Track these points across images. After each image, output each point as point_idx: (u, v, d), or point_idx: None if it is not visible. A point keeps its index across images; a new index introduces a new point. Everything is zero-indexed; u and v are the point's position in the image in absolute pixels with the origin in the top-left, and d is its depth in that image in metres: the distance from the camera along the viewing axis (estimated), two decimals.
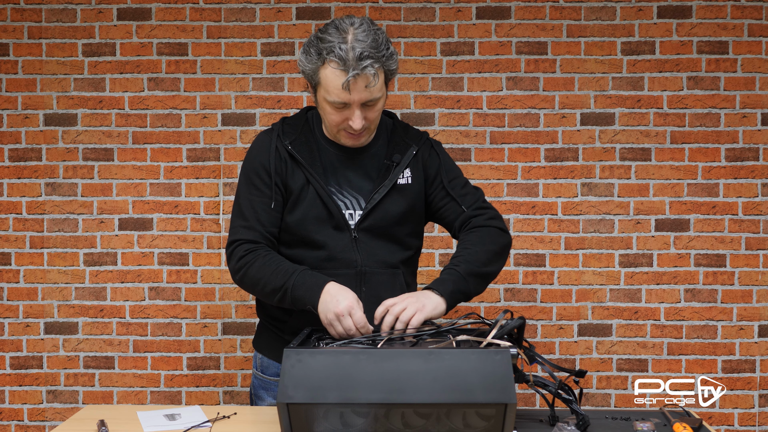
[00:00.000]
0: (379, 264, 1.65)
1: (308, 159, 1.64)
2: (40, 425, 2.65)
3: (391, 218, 1.65)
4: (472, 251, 1.63)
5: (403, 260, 1.70)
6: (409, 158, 1.68)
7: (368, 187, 1.66)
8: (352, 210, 1.65)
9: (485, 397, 1.20)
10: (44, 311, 2.65)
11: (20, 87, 2.63)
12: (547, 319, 2.63)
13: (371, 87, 1.52)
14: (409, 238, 1.72)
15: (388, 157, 1.68)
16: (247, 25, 2.61)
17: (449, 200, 1.73)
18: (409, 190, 1.68)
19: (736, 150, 2.60)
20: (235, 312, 2.64)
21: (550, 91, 2.61)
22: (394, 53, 1.58)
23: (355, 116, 1.55)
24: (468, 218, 1.72)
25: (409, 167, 1.69)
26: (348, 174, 1.66)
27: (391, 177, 1.65)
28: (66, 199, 2.64)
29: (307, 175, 1.63)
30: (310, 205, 1.63)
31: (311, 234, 1.63)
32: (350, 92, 1.51)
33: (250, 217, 1.64)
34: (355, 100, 1.53)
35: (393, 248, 1.68)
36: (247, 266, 1.59)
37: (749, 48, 2.58)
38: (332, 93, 1.53)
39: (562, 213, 2.62)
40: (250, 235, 1.62)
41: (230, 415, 1.49)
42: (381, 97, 1.58)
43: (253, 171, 1.66)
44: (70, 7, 2.62)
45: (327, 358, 1.25)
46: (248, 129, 2.62)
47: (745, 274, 2.60)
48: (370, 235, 1.64)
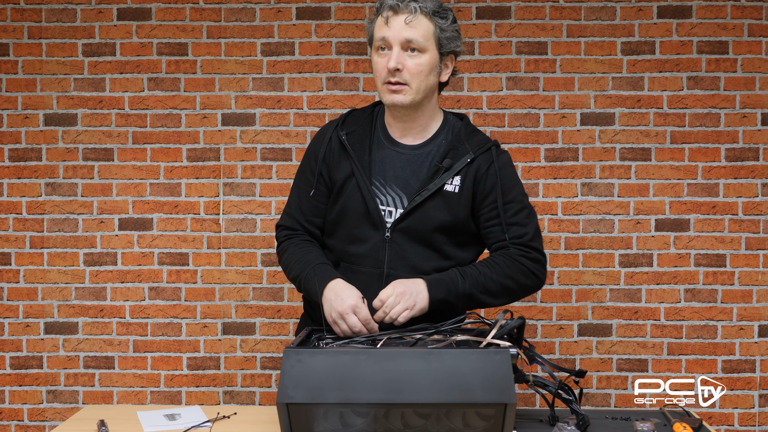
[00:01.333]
0: (408, 268, 1.59)
1: (358, 151, 1.62)
2: (40, 425, 2.65)
3: (431, 223, 1.58)
4: (488, 275, 1.56)
5: (438, 269, 1.60)
6: (462, 165, 1.59)
7: (414, 186, 1.60)
8: (393, 208, 1.60)
9: (485, 397, 1.20)
10: (44, 311, 2.65)
11: (20, 87, 2.63)
12: (547, 319, 2.63)
13: (411, 21, 1.51)
14: (451, 248, 1.62)
15: (440, 159, 1.60)
16: (247, 25, 2.61)
17: (497, 223, 1.61)
18: (455, 199, 1.59)
19: (736, 150, 2.60)
20: (235, 312, 2.64)
21: (550, 91, 2.61)
22: (453, 22, 1.59)
23: (393, 55, 1.52)
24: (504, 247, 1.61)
25: (459, 175, 1.60)
26: (397, 170, 1.61)
27: (437, 181, 1.58)
28: (66, 199, 2.64)
29: (353, 166, 1.61)
30: (349, 197, 1.61)
31: (349, 227, 1.63)
32: (389, 25, 1.52)
33: (292, 204, 1.70)
34: (395, 35, 1.52)
35: (429, 255, 1.60)
36: (281, 252, 1.67)
37: (749, 48, 2.58)
38: (377, 31, 1.55)
39: (562, 213, 2.62)
40: (288, 222, 1.69)
41: (230, 415, 1.49)
42: (426, 52, 1.54)
43: (306, 159, 1.70)
44: (70, 7, 2.62)
45: (327, 358, 1.25)
46: (248, 129, 2.62)
47: (745, 274, 2.60)
48: (405, 237, 1.59)
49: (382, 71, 1.55)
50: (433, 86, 1.59)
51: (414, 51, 1.53)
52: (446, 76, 1.62)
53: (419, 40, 1.52)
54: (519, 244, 1.60)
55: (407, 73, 1.53)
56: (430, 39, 1.55)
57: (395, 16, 1.52)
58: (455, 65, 1.64)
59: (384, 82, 1.55)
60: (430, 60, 1.55)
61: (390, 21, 1.52)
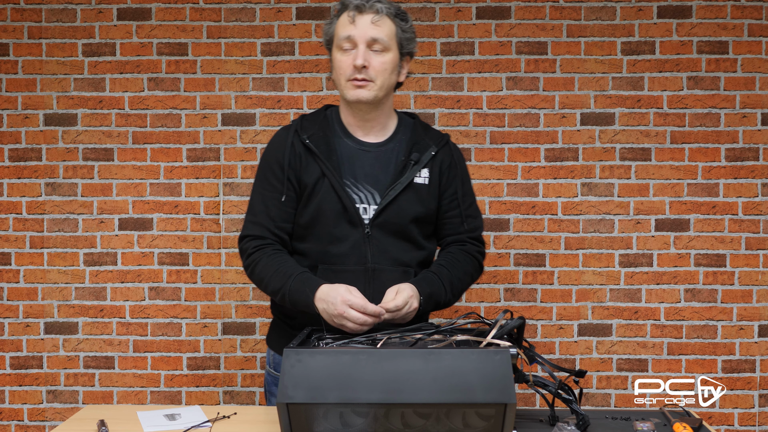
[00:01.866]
0: (390, 262, 1.64)
1: (325, 152, 1.64)
2: (40, 425, 2.65)
3: (406, 216, 1.64)
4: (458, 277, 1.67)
5: (417, 260, 1.69)
6: (428, 158, 1.68)
7: (385, 181, 1.65)
8: (367, 204, 1.64)
9: (485, 397, 1.20)
10: (44, 311, 2.65)
11: (20, 87, 2.63)
12: (547, 319, 2.63)
13: (376, 22, 1.58)
14: (423, 239, 1.70)
15: (406, 154, 1.67)
16: (247, 25, 2.61)
17: (456, 214, 1.73)
18: (426, 190, 1.67)
19: (736, 150, 2.60)
20: (235, 312, 2.64)
21: (550, 91, 2.61)
22: (411, 25, 1.65)
23: (360, 52, 1.58)
24: (461, 241, 1.75)
25: (427, 167, 1.68)
26: (365, 167, 1.65)
27: (408, 174, 1.65)
28: (66, 199, 2.64)
29: (322, 167, 1.63)
30: (324, 198, 1.62)
31: (327, 228, 1.63)
32: (355, 24, 1.58)
33: (259, 212, 1.66)
34: (361, 34, 1.58)
35: (406, 247, 1.67)
36: (253, 264, 1.63)
37: (749, 48, 2.58)
38: (341, 30, 1.59)
39: (562, 213, 2.62)
40: (257, 231, 1.65)
41: (230, 415, 1.49)
42: (389, 51, 1.61)
43: (267, 166, 1.68)
44: (70, 7, 2.62)
45: (327, 358, 1.25)
46: (248, 129, 2.62)
47: (745, 274, 2.60)
48: (383, 231, 1.63)
49: (347, 68, 1.60)
50: (393, 85, 1.67)
51: (378, 50, 1.60)
52: (403, 77, 1.70)
53: (384, 39, 1.59)
54: (473, 238, 1.74)
55: (372, 71, 1.59)
56: (393, 39, 1.61)
57: (361, 16, 1.58)
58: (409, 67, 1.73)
59: (349, 78, 1.60)
60: (393, 59, 1.62)
61: (356, 20, 1.58)
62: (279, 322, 1.75)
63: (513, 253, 2.62)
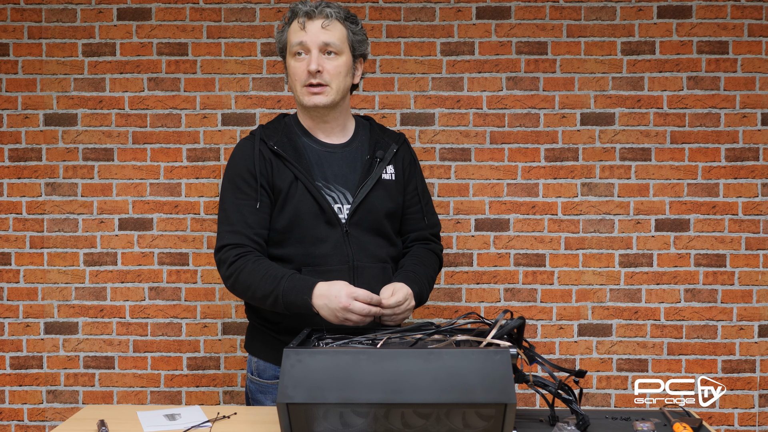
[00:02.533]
0: (370, 258, 1.67)
1: (293, 156, 1.66)
2: (40, 425, 2.65)
3: (378, 212, 1.69)
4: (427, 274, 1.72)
5: (391, 256, 1.73)
6: (391, 155, 1.73)
7: (354, 180, 1.68)
8: (341, 204, 1.66)
9: (485, 397, 1.20)
10: (44, 311, 2.65)
11: (20, 87, 2.63)
12: (547, 319, 2.63)
13: (326, 27, 1.60)
14: (393, 234, 1.76)
15: (370, 152, 1.72)
16: (247, 25, 2.61)
17: (417, 210, 1.79)
18: (393, 186, 1.73)
19: (736, 150, 2.60)
20: (235, 312, 2.64)
21: (550, 91, 2.61)
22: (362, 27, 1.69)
23: (313, 57, 1.61)
24: (425, 239, 1.80)
25: (391, 164, 1.74)
26: (333, 167, 1.69)
27: (376, 171, 1.69)
28: (66, 199, 2.64)
29: (294, 171, 1.64)
30: (300, 201, 1.64)
31: (306, 230, 1.64)
32: (306, 30, 1.60)
33: (235, 221, 1.64)
34: (313, 40, 1.60)
35: (382, 243, 1.71)
36: (237, 272, 1.60)
37: (749, 48, 2.58)
38: (293, 37, 1.62)
39: (562, 213, 2.62)
40: (236, 239, 1.63)
41: (230, 415, 1.49)
42: (342, 54, 1.64)
43: (237, 176, 1.67)
44: (70, 7, 2.62)
45: (327, 358, 1.25)
46: (248, 129, 2.62)
47: (745, 274, 2.60)
48: (360, 229, 1.67)
49: (302, 74, 1.63)
50: (348, 87, 1.70)
51: (331, 54, 1.63)
52: (358, 78, 1.74)
53: (336, 42, 1.62)
54: (434, 235, 1.82)
55: (327, 75, 1.62)
56: (345, 42, 1.65)
57: (311, 22, 1.61)
58: (363, 69, 1.76)
59: (304, 84, 1.64)
60: (346, 62, 1.66)
61: (306, 26, 1.61)
62: (259, 327, 1.74)
63: (513, 253, 2.62)
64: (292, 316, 1.62)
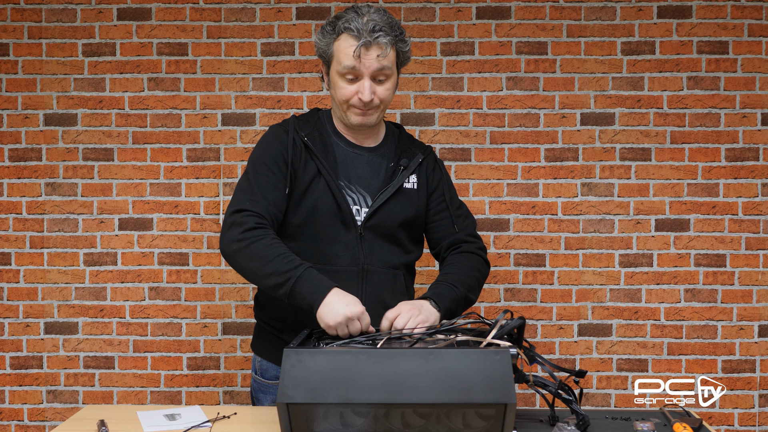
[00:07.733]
0: (381, 263, 1.66)
1: (322, 151, 1.66)
2: (40, 425, 2.65)
3: (395, 220, 1.67)
4: (465, 274, 1.67)
5: (404, 263, 1.72)
6: (416, 164, 1.72)
7: (376, 185, 1.68)
8: (359, 206, 1.66)
9: (485, 397, 1.20)
10: (44, 311, 2.65)
11: (20, 87, 2.63)
12: (547, 319, 2.63)
13: (382, 57, 1.56)
14: (410, 243, 1.74)
15: (395, 160, 1.71)
16: (247, 25, 2.61)
17: (446, 216, 1.77)
18: (414, 195, 1.72)
19: (736, 150, 2.60)
20: (235, 312, 2.64)
21: (550, 91, 2.61)
22: (407, 39, 1.64)
23: (366, 87, 1.58)
24: (459, 241, 1.76)
25: (415, 173, 1.73)
26: (358, 169, 1.68)
27: (398, 179, 1.69)
28: (66, 199, 2.64)
29: (319, 166, 1.64)
30: (319, 197, 1.63)
31: (322, 227, 1.63)
32: (361, 60, 1.56)
33: (258, 191, 1.59)
34: (367, 68, 1.57)
35: (395, 250, 1.69)
36: (253, 240, 1.51)
37: (749, 48, 2.58)
38: (344, 59, 1.57)
39: (562, 213, 2.62)
40: (257, 208, 1.57)
41: (230, 415, 1.49)
42: (392, 76, 1.62)
43: (268, 156, 1.63)
44: (70, 7, 2.62)
45: (327, 358, 1.25)
46: (248, 129, 2.62)
47: (745, 274, 2.60)
48: (374, 234, 1.65)
49: (351, 96, 1.60)
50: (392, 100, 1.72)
51: (383, 79, 1.61)
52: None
53: (389, 67, 1.60)
54: (469, 234, 1.77)
55: (377, 99, 1.61)
56: (394, 63, 1.63)
57: (367, 52, 1.56)
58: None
59: (353, 105, 1.62)
60: (395, 81, 1.65)
61: (362, 56, 1.56)
62: (264, 327, 1.74)
63: (513, 253, 2.62)
64: (296, 315, 1.61)
